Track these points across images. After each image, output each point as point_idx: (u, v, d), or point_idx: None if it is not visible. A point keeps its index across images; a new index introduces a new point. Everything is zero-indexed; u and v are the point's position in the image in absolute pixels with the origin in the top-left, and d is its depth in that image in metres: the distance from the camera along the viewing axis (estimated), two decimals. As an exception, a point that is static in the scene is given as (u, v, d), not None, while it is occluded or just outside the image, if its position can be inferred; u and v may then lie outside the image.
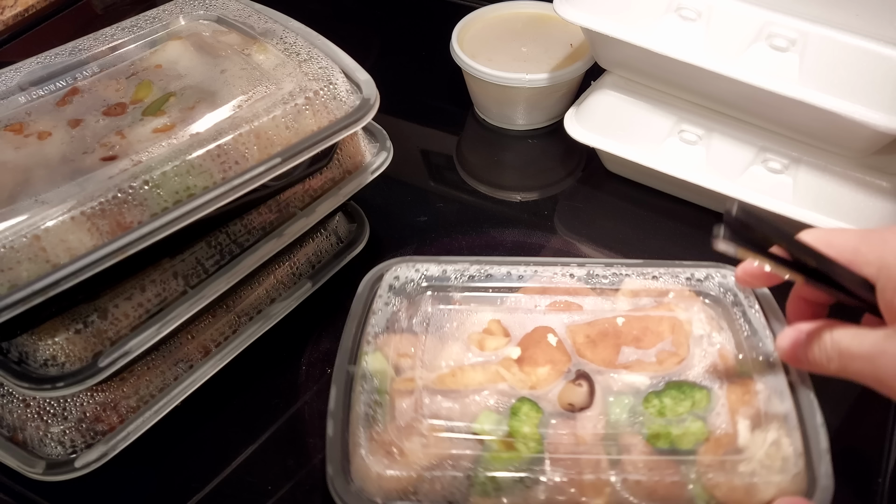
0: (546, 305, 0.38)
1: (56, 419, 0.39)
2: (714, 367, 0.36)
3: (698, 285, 0.39)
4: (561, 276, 0.40)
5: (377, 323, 0.37)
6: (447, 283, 0.39)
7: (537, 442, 0.33)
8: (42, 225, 0.33)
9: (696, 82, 0.50)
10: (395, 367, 0.36)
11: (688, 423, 0.33)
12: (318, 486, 0.41)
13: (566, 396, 0.35)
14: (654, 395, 0.35)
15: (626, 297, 0.39)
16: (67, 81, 0.43)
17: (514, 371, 0.36)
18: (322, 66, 0.42)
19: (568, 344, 0.37)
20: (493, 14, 0.64)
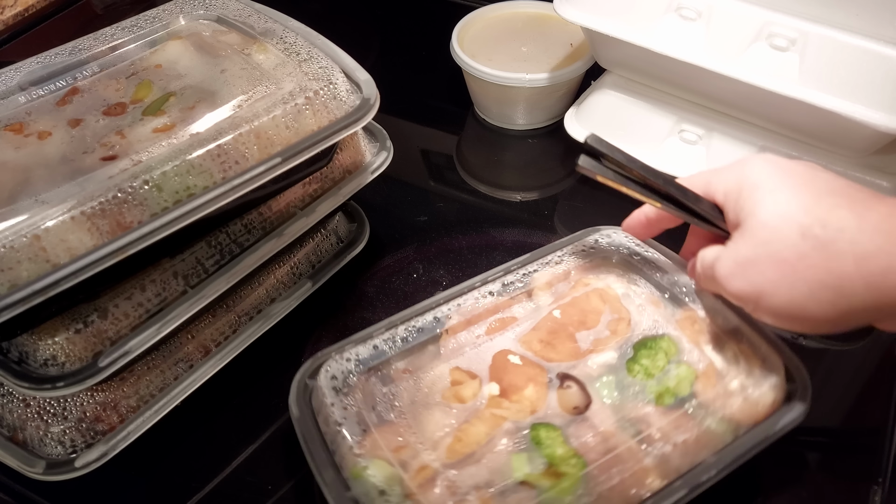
0: (484, 332, 0.39)
1: (56, 419, 0.39)
2: (654, 314, 0.39)
3: (593, 253, 0.42)
4: (480, 298, 0.40)
5: (351, 431, 0.33)
6: (384, 358, 0.37)
7: (576, 457, 0.33)
8: (42, 225, 0.33)
9: (696, 82, 0.50)
10: (400, 464, 0.33)
11: (676, 372, 0.36)
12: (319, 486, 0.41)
13: (566, 403, 0.36)
14: (630, 362, 0.37)
15: (543, 292, 0.40)
16: (67, 81, 0.43)
17: (506, 406, 0.35)
18: (322, 65, 0.42)
19: (529, 356, 0.37)
20: (493, 14, 0.64)
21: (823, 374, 0.46)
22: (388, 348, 0.37)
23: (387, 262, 0.52)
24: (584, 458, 0.33)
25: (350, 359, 0.37)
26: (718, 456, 0.34)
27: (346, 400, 0.35)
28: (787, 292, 0.31)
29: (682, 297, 0.39)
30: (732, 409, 0.35)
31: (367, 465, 0.32)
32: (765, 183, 0.33)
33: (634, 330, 0.38)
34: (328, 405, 0.34)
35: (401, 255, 0.53)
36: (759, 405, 0.35)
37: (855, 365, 0.46)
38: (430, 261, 0.52)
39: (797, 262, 0.31)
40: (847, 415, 0.44)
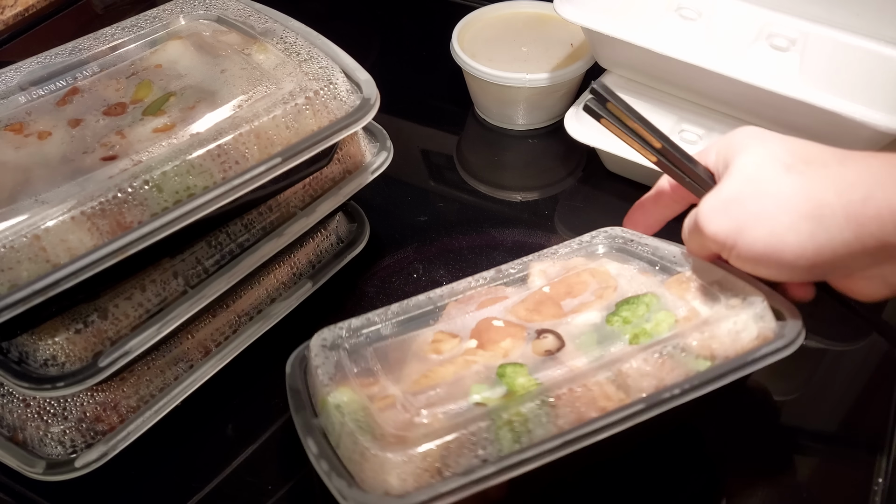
0: (475, 307, 0.39)
1: (56, 419, 0.39)
2: (643, 281, 0.38)
3: (589, 245, 0.43)
4: (474, 283, 0.40)
5: (325, 372, 0.35)
6: (375, 326, 0.38)
7: (536, 384, 0.33)
8: (42, 225, 0.33)
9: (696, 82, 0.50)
10: (368, 397, 0.33)
11: (654, 317, 0.35)
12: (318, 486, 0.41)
13: (539, 348, 0.35)
14: (611, 315, 0.36)
15: (538, 278, 0.40)
16: (67, 81, 0.43)
17: (479, 354, 0.35)
18: (322, 65, 0.42)
19: (513, 319, 0.37)
20: (493, 14, 0.64)
21: (824, 374, 0.46)
22: (380, 319, 0.39)
23: (387, 262, 0.52)
24: (545, 384, 0.32)
25: (343, 327, 0.38)
26: (687, 379, 0.32)
27: (330, 353, 0.36)
28: (767, 224, 0.31)
29: (672, 267, 0.39)
30: (709, 343, 0.33)
31: (334, 397, 0.33)
32: (752, 138, 0.34)
33: (622, 295, 0.38)
34: (312, 357, 0.36)
35: (401, 255, 0.53)
36: (740, 338, 0.34)
37: (855, 365, 0.46)
38: (430, 261, 0.52)
39: (778, 193, 0.31)
40: (847, 415, 0.44)
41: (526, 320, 0.37)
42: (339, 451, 0.32)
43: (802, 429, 0.43)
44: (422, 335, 0.37)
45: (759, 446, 0.42)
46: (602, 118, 0.37)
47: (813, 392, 0.45)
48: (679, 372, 0.33)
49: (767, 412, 0.44)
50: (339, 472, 0.31)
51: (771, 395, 0.44)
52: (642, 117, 0.37)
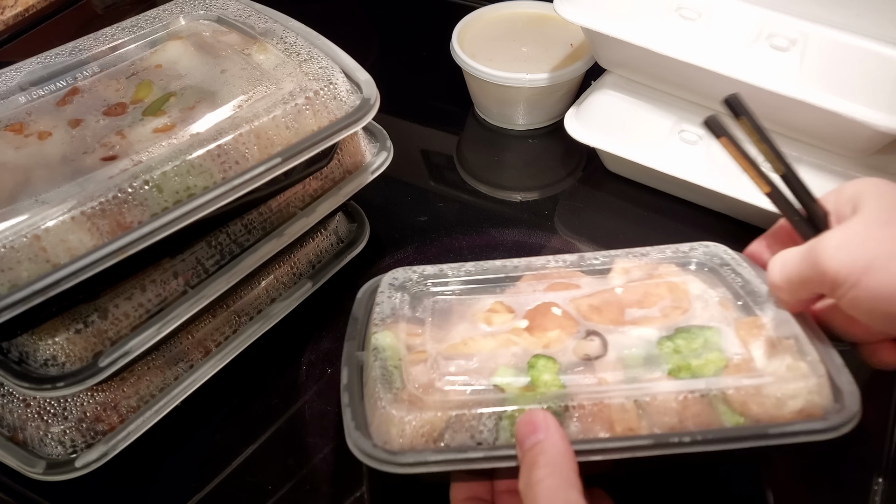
0: (544, 288, 0.38)
1: (56, 419, 0.39)
2: (717, 313, 0.36)
3: (684, 256, 0.40)
4: (553, 263, 0.40)
5: (382, 312, 0.37)
6: (446, 279, 0.39)
7: (559, 387, 0.32)
8: (42, 225, 0.33)
9: (696, 82, 0.50)
10: (406, 346, 0.35)
11: (706, 354, 0.33)
12: (319, 485, 0.41)
13: (580, 350, 0.34)
14: (665, 339, 0.34)
15: (618, 275, 0.39)
16: (68, 81, 0.43)
17: (524, 336, 0.35)
18: (322, 65, 0.42)
19: (572, 312, 0.36)
20: (493, 14, 0.64)
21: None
22: (453, 274, 0.40)
23: (387, 262, 0.52)
24: (567, 390, 0.32)
25: (416, 272, 0.40)
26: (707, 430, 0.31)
27: (395, 294, 0.38)
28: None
29: (754, 308, 0.36)
30: (751, 401, 0.31)
31: (378, 332, 0.35)
32: (884, 185, 0.33)
33: (688, 321, 0.35)
34: (380, 292, 0.38)
35: (401, 255, 0.53)
36: (782, 406, 0.31)
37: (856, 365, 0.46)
38: (430, 261, 0.52)
39: None
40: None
41: (584, 317, 0.36)
42: (365, 390, 0.34)
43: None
44: (482, 301, 0.38)
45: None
46: (722, 136, 0.35)
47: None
48: (703, 419, 0.31)
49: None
50: (354, 409, 0.33)
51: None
52: (771, 139, 0.35)
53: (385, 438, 0.31)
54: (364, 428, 0.32)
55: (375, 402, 0.32)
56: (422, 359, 0.34)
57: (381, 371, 0.33)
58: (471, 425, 0.31)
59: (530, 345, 0.35)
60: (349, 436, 0.32)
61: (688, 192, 0.55)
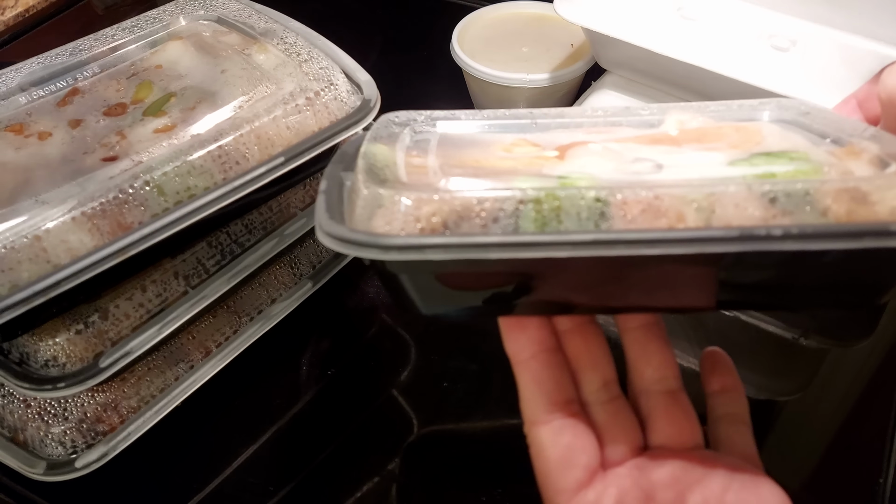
0: (580, 132, 0.30)
1: (57, 419, 0.39)
2: (802, 142, 0.28)
3: (753, 110, 0.31)
4: (590, 113, 0.31)
5: (374, 134, 0.29)
6: (456, 121, 0.31)
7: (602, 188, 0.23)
8: (43, 225, 0.33)
9: (696, 82, 0.50)
10: (404, 160, 0.27)
11: (795, 165, 0.25)
12: (320, 486, 0.41)
13: (625, 169, 0.26)
14: (740, 161, 0.26)
15: (672, 127, 0.30)
16: (68, 82, 0.43)
17: (552, 161, 0.27)
18: (323, 66, 0.42)
19: (615, 147, 0.28)
20: (493, 14, 0.64)
21: (825, 373, 0.46)
22: (465, 117, 0.31)
23: (387, 262, 0.52)
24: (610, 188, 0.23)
25: (423, 113, 0.31)
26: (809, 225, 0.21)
27: (394, 128, 0.30)
28: None
29: (847, 139, 0.27)
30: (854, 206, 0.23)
31: (370, 146, 0.27)
32: None
33: (764, 148, 0.27)
34: (374, 125, 0.30)
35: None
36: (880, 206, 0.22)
37: (857, 364, 0.46)
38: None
39: None
40: (849, 414, 0.44)
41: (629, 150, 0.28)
42: (346, 196, 0.26)
43: (804, 429, 0.43)
44: (504, 136, 0.30)
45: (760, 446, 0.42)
46: None
47: (815, 392, 0.45)
48: (786, 220, 0.23)
49: (769, 412, 0.44)
50: (330, 199, 0.25)
51: (773, 395, 0.44)
52: None
53: (367, 227, 0.23)
54: (340, 218, 0.24)
55: (358, 191, 0.24)
56: (420, 169, 0.26)
57: (366, 166, 0.25)
58: (480, 212, 0.23)
59: (559, 167, 0.26)
60: (319, 224, 0.23)
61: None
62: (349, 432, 0.43)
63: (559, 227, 0.23)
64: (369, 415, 0.43)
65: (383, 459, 0.41)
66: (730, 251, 0.21)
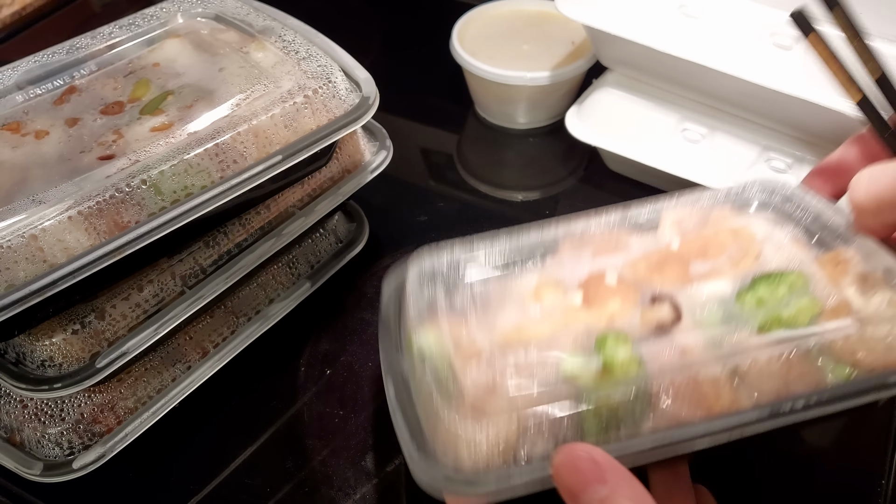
0: (590, 254, 0.34)
1: (53, 420, 0.39)
2: (794, 254, 0.31)
3: (740, 197, 0.35)
4: (595, 225, 0.35)
5: (416, 305, 0.32)
6: (479, 259, 0.35)
7: (638, 364, 0.28)
8: (39, 224, 0.33)
9: (698, 80, 0.50)
10: (453, 342, 0.30)
11: (795, 302, 0.29)
12: (318, 487, 0.40)
13: (650, 318, 0.29)
14: (744, 291, 0.30)
15: (669, 229, 0.34)
16: (65, 80, 0.42)
17: (582, 313, 0.30)
18: (321, 64, 0.42)
19: (629, 278, 0.31)
20: (493, 12, 0.64)
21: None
22: (486, 250, 0.35)
23: (386, 262, 0.52)
24: (647, 368, 0.27)
25: (444, 255, 0.35)
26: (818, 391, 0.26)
27: (427, 286, 0.33)
28: None
29: (832, 242, 0.32)
30: (858, 348, 0.27)
31: (421, 336, 0.30)
32: None
33: (762, 267, 0.31)
34: (408, 287, 0.33)
35: (401, 255, 0.53)
36: (893, 349, 0.27)
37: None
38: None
39: None
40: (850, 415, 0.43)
41: (644, 280, 0.31)
42: (417, 402, 0.29)
43: (805, 429, 0.43)
44: (525, 279, 0.33)
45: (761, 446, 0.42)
46: (811, 33, 0.31)
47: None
48: (810, 378, 0.27)
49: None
50: (412, 430, 0.28)
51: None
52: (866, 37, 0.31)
53: (456, 456, 0.27)
54: (429, 446, 0.27)
55: (438, 415, 0.28)
56: (474, 355, 0.29)
57: (433, 380, 0.29)
58: (550, 429, 0.27)
59: (591, 321, 0.30)
60: (415, 465, 0.27)
61: (690, 192, 0.54)
62: (347, 433, 0.42)
63: (619, 433, 0.27)
64: (368, 416, 0.43)
65: (382, 461, 0.41)
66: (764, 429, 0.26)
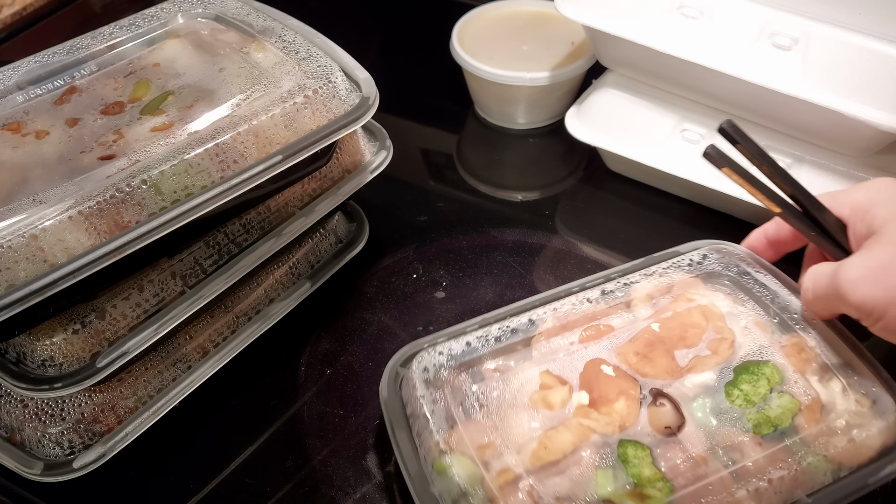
0: (578, 339, 0.38)
1: (54, 420, 0.39)
2: (760, 338, 0.37)
3: (700, 268, 0.40)
4: (577, 304, 0.39)
5: (436, 423, 0.34)
6: (476, 355, 0.37)
7: (663, 481, 0.32)
8: (40, 224, 0.33)
9: (698, 81, 0.50)
10: (483, 464, 0.33)
11: (778, 402, 0.35)
12: (318, 487, 0.41)
13: (657, 422, 0.34)
14: (730, 386, 0.35)
15: (642, 304, 0.39)
16: (65, 80, 0.42)
17: (594, 417, 0.34)
18: (321, 64, 0.42)
19: (623, 368, 0.36)
20: (493, 12, 0.64)
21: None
22: (481, 346, 0.37)
23: (386, 262, 0.52)
24: (672, 482, 0.32)
25: (443, 353, 0.36)
26: (815, 498, 0.32)
27: (436, 393, 0.35)
28: None
29: (791, 324, 0.37)
30: (836, 449, 0.33)
31: (451, 462, 0.33)
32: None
33: (737, 352, 0.37)
34: (418, 396, 0.35)
35: (400, 255, 0.53)
36: (864, 448, 0.33)
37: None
38: (430, 261, 0.52)
39: None
40: None
41: (637, 371, 0.36)
42: None
43: None
44: (527, 375, 0.36)
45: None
46: (724, 167, 0.35)
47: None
48: (805, 479, 0.33)
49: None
50: None
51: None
52: (772, 161, 0.35)
53: None
54: None
55: None
56: (510, 481, 0.32)
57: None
58: None
59: (605, 427, 0.34)
60: None
61: (690, 192, 0.54)
62: (348, 433, 0.43)
63: None
64: (368, 415, 0.43)
65: (382, 461, 0.41)
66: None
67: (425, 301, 0.49)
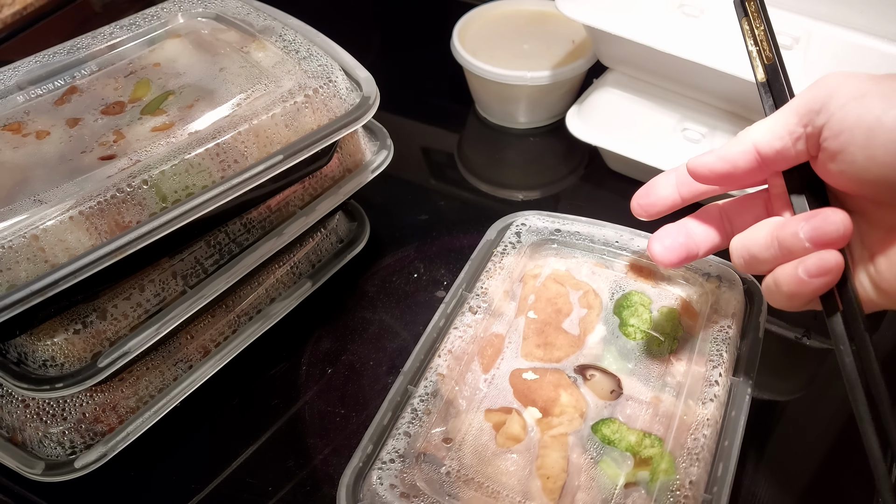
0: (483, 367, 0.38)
1: (55, 420, 0.39)
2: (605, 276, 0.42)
3: (520, 244, 0.43)
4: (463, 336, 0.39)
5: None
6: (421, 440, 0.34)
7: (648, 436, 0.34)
8: (40, 224, 0.33)
9: (698, 80, 0.50)
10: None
11: (661, 316, 0.39)
12: (319, 486, 0.41)
13: (601, 391, 0.36)
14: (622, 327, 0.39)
15: (505, 303, 0.40)
16: (66, 80, 0.42)
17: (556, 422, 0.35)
18: (321, 63, 0.42)
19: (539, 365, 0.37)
20: (494, 11, 0.64)
21: (826, 374, 0.45)
22: (419, 428, 0.35)
23: (387, 261, 0.52)
24: (655, 433, 0.34)
25: (393, 459, 0.34)
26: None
27: (418, 501, 0.32)
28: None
29: (618, 252, 0.42)
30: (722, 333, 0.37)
31: None
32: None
33: (603, 297, 0.40)
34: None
35: (401, 254, 0.53)
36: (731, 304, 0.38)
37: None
38: (431, 260, 0.52)
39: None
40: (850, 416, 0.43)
41: (549, 359, 0.37)
42: None
43: (805, 429, 0.43)
44: (474, 426, 0.35)
45: (761, 446, 0.42)
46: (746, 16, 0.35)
47: (816, 392, 0.45)
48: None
49: (770, 412, 0.44)
50: None
51: (774, 394, 0.44)
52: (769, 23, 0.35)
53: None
54: None
55: None
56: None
57: None
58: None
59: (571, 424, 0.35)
60: None
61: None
62: (349, 432, 0.43)
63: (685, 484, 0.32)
64: (369, 415, 0.43)
65: (383, 459, 0.41)
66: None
67: (426, 300, 0.49)
